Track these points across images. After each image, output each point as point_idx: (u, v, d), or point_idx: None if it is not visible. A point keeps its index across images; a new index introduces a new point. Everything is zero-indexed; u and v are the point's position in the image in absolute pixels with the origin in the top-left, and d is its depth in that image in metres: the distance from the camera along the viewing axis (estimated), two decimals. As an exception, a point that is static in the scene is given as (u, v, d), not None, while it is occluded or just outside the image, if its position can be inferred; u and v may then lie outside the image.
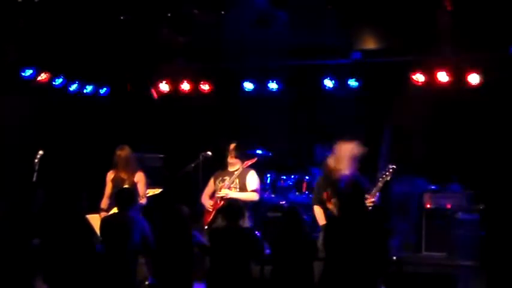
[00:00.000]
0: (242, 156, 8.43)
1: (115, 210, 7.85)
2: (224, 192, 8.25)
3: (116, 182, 8.52)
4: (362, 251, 6.08)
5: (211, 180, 8.55)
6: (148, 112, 11.24)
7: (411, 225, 9.85)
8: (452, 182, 9.89)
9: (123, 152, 8.53)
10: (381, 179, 7.59)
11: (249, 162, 8.39)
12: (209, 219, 8.27)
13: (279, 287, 7.16)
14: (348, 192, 6.26)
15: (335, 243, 6.21)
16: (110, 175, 8.61)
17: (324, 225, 7.56)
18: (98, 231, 7.87)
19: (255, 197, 8.30)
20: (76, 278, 8.31)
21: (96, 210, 8.50)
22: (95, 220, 8.30)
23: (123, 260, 7.21)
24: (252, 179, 8.34)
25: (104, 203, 8.54)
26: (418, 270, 8.79)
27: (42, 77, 10.14)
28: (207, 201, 8.44)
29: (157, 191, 8.57)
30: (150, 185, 8.70)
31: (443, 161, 10.04)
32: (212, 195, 8.48)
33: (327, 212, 7.59)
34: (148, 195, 8.50)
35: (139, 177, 8.55)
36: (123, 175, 8.51)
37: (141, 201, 8.33)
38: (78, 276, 8.29)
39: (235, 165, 8.43)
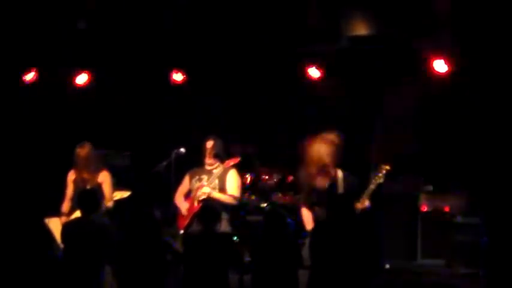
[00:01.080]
0: (222, 155, 8.38)
1: (77, 214, 7.82)
2: (205, 191, 8.19)
3: (78, 182, 8.49)
4: (351, 259, 6.22)
5: (186, 178, 8.49)
6: (112, 103, 11.18)
7: (405, 230, 9.93)
8: (450, 182, 9.94)
9: (84, 150, 8.50)
10: (373, 181, 7.51)
11: (231, 162, 8.36)
12: (185, 223, 8.22)
13: None
14: (336, 193, 6.33)
15: (322, 250, 6.31)
16: (71, 175, 8.58)
17: (310, 230, 7.49)
18: (57, 236, 7.86)
19: (235, 200, 8.30)
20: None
21: (56, 213, 8.46)
22: (54, 224, 8.30)
23: (87, 270, 7.19)
24: (233, 180, 8.33)
25: (65, 206, 8.51)
26: (413, 280, 8.78)
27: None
28: (181, 203, 8.39)
29: (126, 194, 8.61)
30: (115, 185, 8.69)
31: (440, 159, 10.08)
32: (187, 195, 8.43)
33: (315, 214, 7.52)
34: (115, 198, 8.49)
35: (104, 177, 8.53)
36: (85, 175, 8.48)
37: (107, 205, 8.34)
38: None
39: (213, 164, 8.39)
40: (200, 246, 7.22)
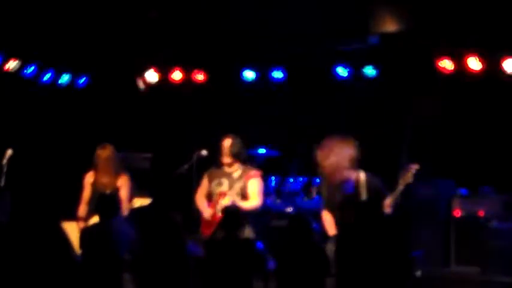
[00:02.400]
0: (241, 156, 8.42)
1: (95, 219, 7.87)
2: (229, 202, 8.15)
3: (96, 186, 8.52)
4: (380, 266, 6.21)
5: (205, 179, 8.51)
6: (133, 105, 11.32)
7: (438, 236, 9.91)
8: (484, 185, 9.91)
9: (105, 152, 8.53)
10: (401, 181, 7.48)
11: (252, 176, 8.32)
12: (209, 232, 8.20)
13: None
14: (360, 200, 6.34)
15: (348, 257, 6.36)
16: (89, 178, 8.61)
17: (333, 235, 7.53)
18: (74, 241, 7.82)
19: (258, 206, 8.29)
20: None
21: (71, 216, 8.51)
22: (71, 228, 8.24)
23: (106, 277, 7.25)
24: (255, 185, 8.31)
25: (82, 209, 8.55)
26: None
27: (11, 64, 10.28)
28: (204, 206, 8.38)
29: (146, 201, 8.70)
30: (135, 190, 8.74)
31: (474, 161, 10.09)
32: (208, 197, 8.44)
33: (338, 219, 7.59)
34: (135, 206, 8.54)
35: (123, 182, 8.56)
36: (105, 179, 8.52)
37: (125, 210, 8.36)
38: None
39: (232, 165, 8.40)
40: (223, 253, 7.25)
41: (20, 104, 10.67)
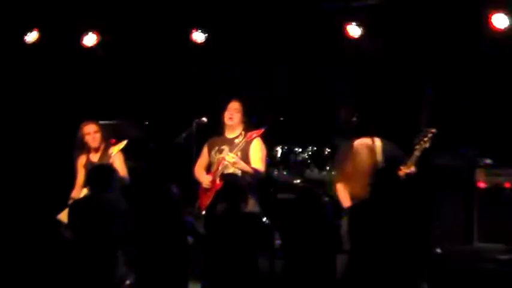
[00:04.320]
0: (246, 121, 8.43)
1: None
2: (230, 160, 8.15)
3: (88, 166, 8.50)
4: (397, 242, 6.20)
5: (205, 150, 8.57)
6: (124, 67, 11.24)
7: (459, 209, 9.91)
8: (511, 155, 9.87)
9: (90, 128, 8.58)
10: (417, 147, 7.55)
11: (255, 134, 8.35)
12: (207, 202, 8.28)
13: (293, 286, 7.19)
14: (378, 169, 6.29)
15: (362, 231, 6.35)
16: (81, 160, 8.66)
17: (348, 207, 7.59)
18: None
19: (261, 173, 8.31)
20: (39, 277, 8.44)
21: (64, 206, 8.39)
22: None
23: (98, 255, 7.23)
24: (257, 151, 8.33)
25: (76, 192, 8.57)
26: (469, 266, 8.77)
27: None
28: (202, 175, 8.45)
29: (122, 144, 8.55)
30: (129, 160, 8.76)
31: (501, 128, 10.05)
32: (207, 168, 8.49)
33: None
34: (113, 154, 8.47)
35: (116, 156, 8.57)
36: (95, 157, 8.58)
37: (120, 177, 8.31)
38: (41, 276, 8.43)
39: (234, 129, 8.43)
40: (225, 228, 7.22)
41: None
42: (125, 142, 8.53)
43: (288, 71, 11.26)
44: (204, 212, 8.25)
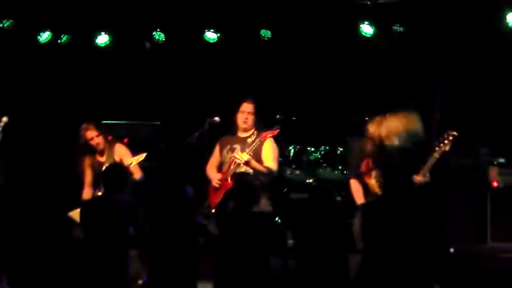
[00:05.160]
0: (258, 123, 8.47)
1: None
2: (244, 158, 8.18)
3: (95, 166, 8.72)
4: (410, 241, 6.14)
5: (217, 149, 8.61)
6: (136, 67, 11.28)
7: (473, 209, 9.96)
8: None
9: (89, 133, 8.70)
10: (437, 149, 7.58)
11: (270, 134, 8.37)
12: (217, 201, 8.33)
13: (306, 286, 7.19)
14: (393, 165, 6.34)
15: (375, 230, 6.28)
16: (88, 160, 8.80)
17: (362, 205, 7.64)
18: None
19: (273, 173, 8.35)
20: (50, 277, 8.44)
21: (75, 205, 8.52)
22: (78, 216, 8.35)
23: (111, 254, 7.25)
24: (269, 150, 8.36)
25: (86, 193, 8.73)
26: (482, 266, 8.76)
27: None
28: (213, 174, 8.51)
29: (142, 156, 8.64)
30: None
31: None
32: (219, 167, 8.55)
33: (367, 188, 7.70)
34: (132, 165, 8.57)
35: (120, 151, 8.75)
36: (101, 158, 8.74)
37: (132, 178, 8.50)
38: (53, 276, 8.43)
39: (248, 130, 8.48)
40: (237, 228, 7.22)
41: (14, 66, 10.77)
42: (144, 155, 8.63)
43: (303, 71, 11.25)
44: (213, 211, 8.28)
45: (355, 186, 7.90)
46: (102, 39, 10.91)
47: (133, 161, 8.62)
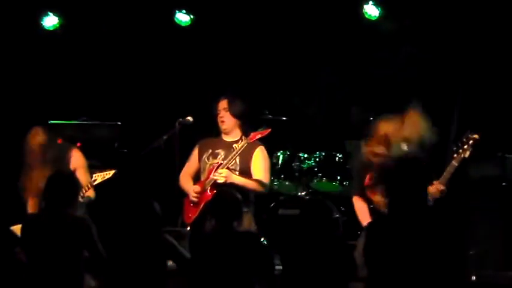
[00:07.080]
0: (243, 118, 8.44)
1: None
2: (223, 175, 8.19)
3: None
4: (421, 267, 6.14)
5: (195, 153, 8.59)
6: (92, 55, 11.28)
7: (498, 231, 9.91)
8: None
9: (39, 139, 8.64)
10: (455, 156, 7.61)
11: (259, 135, 8.36)
12: (194, 216, 8.32)
13: None
14: (399, 177, 6.22)
15: (381, 254, 6.24)
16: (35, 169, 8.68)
17: (367, 226, 7.42)
18: None
19: (264, 187, 8.38)
20: None
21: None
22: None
23: (58, 281, 7.18)
24: (261, 160, 8.40)
25: (30, 205, 8.65)
26: None
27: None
28: (189, 185, 8.47)
29: (109, 174, 8.56)
30: (96, 168, 8.75)
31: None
32: (196, 175, 8.51)
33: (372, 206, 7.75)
34: (96, 182, 8.48)
35: (76, 160, 8.69)
36: (46, 171, 8.48)
37: (86, 195, 8.39)
38: None
39: (232, 132, 8.46)
40: (214, 250, 7.14)
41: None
42: (112, 172, 8.58)
43: (290, 62, 11.34)
44: (188, 229, 8.29)
45: (359, 204, 7.97)
46: (50, 21, 10.84)
47: (97, 178, 8.53)
